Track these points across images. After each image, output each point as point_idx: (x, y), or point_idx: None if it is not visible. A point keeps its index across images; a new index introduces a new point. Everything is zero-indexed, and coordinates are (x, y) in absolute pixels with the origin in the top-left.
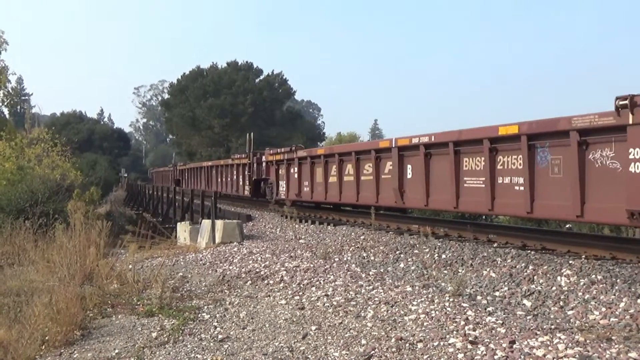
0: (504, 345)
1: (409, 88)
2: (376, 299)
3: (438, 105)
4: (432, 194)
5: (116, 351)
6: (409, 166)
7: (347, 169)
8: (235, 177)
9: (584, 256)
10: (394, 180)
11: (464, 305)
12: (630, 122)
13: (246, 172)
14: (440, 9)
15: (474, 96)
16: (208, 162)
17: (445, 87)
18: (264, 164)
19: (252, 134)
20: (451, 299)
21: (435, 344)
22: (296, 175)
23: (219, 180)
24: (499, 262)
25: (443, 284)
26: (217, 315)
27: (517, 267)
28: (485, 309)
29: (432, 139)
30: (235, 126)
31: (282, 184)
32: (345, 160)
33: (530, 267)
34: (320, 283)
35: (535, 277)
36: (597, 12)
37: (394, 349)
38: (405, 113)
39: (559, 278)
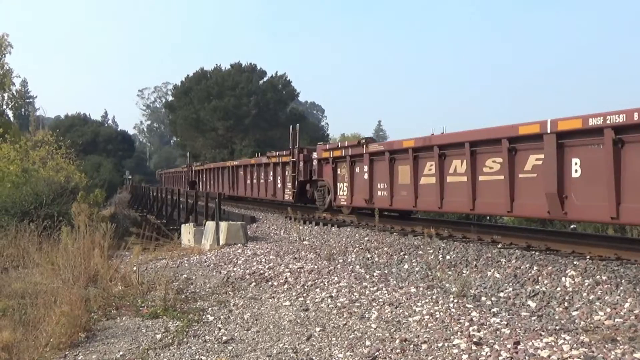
0: (508, 346)
1: (413, 89)
2: (380, 300)
3: (442, 106)
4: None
5: (120, 353)
6: (577, 160)
7: (452, 167)
8: (271, 178)
9: (588, 257)
10: (546, 181)
11: (469, 306)
12: None
13: (288, 173)
14: (443, 9)
15: (476, 96)
16: (233, 161)
17: (449, 87)
18: (314, 163)
19: (297, 126)
20: (455, 300)
21: (440, 345)
22: (366, 176)
23: (248, 182)
24: (503, 262)
25: (447, 285)
26: (222, 317)
27: (522, 267)
28: (490, 309)
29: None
30: (239, 128)
31: (343, 186)
32: (449, 155)
33: (535, 268)
34: (324, 284)
35: (539, 278)
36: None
37: (398, 350)
38: (409, 114)
39: (563, 279)
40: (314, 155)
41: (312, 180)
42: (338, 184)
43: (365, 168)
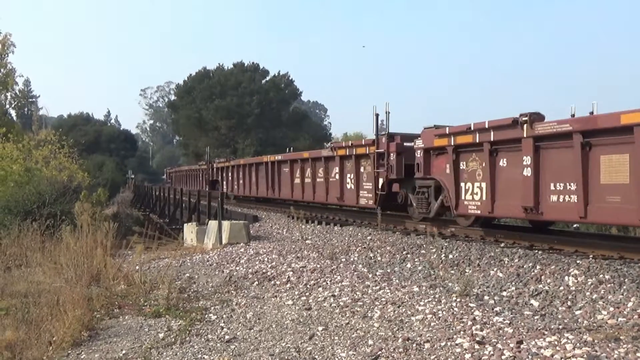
0: (511, 345)
1: (414, 88)
2: (383, 299)
3: (444, 106)
4: None
5: (123, 352)
6: None
7: None
8: (336, 177)
9: (591, 256)
10: None
11: (471, 305)
12: None
13: (366, 169)
14: (447, 6)
15: (478, 96)
16: (273, 155)
17: (451, 86)
18: (418, 154)
19: (388, 104)
20: (458, 299)
21: (443, 344)
22: (527, 172)
23: (298, 181)
24: (506, 262)
25: (450, 284)
26: (224, 316)
27: (525, 267)
28: (493, 309)
29: None
30: (241, 127)
31: (473, 187)
32: None
33: (538, 267)
34: (327, 283)
35: (542, 277)
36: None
37: (401, 349)
38: (410, 113)
39: (566, 278)
40: (417, 143)
41: (405, 180)
42: (462, 184)
43: (527, 160)
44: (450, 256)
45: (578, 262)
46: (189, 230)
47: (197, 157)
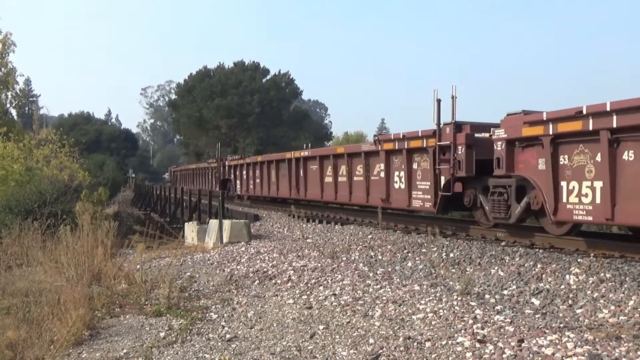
0: (512, 344)
1: (415, 86)
2: (384, 298)
3: (444, 104)
4: None
5: (124, 351)
6: None
7: None
8: (381, 174)
9: (592, 254)
10: None
11: (472, 304)
12: None
13: (420, 165)
14: (448, 6)
15: (478, 95)
16: (300, 151)
17: (451, 87)
18: (498, 146)
19: (455, 87)
20: (459, 298)
21: (444, 342)
22: None
23: (329, 180)
24: (507, 260)
25: (451, 283)
26: (225, 315)
27: (526, 265)
28: (494, 307)
29: None
30: (242, 126)
31: (581, 187)
32: None
33: (539, 266)
34: (327, 282)
35: (543, 276)
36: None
37: (402, 348)
38: (411, 113)
39: (567, 276)
40: (497, 133)
41: (475, 178)
42: (563, 183)
43: None
44: (451, 255)
45: (579, 260)
46: (190, 229)
47: (197, 156)
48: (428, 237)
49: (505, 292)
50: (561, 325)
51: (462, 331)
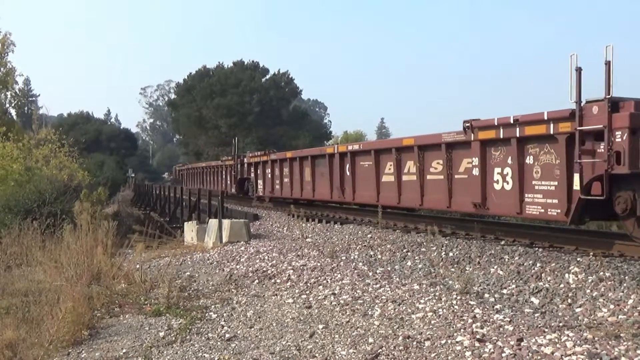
0: (511, 343)
1: (415, 86)
2: (383, 297)
3: (445, 104)
4: None
5: (124, 351)
6: None
7: None
8: (476, 171)
9: (592, 253)
10: None
11: (472, 303)
12: None
13: (545, 159)
14: (448, 5)
15: (479, 96)
16: (349, 144)
17: (452, 85)
18: None
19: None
20: (458, 297)
21: (443, 342)
22: None
23: (391, 179)
24: (506, 259)
25: (450, 282)
26: (225, 315)
27: (525, 264)
28: (493, 306)
29: None
30: (241, 125)
31: None
32: None
33: (538, 265)
34: (327, 282)
35: (543, 275)
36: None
37: (401, 347)
38: (412, 112)
39: (566, 275)
40: None
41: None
42: None
43: None
44: (451, 254)
45: (578, 259)
46: (190, 229)
47: (197, 155)
48: (427, 236)
49: (504, 291)
50: (560, 324)
51: (462, 330)
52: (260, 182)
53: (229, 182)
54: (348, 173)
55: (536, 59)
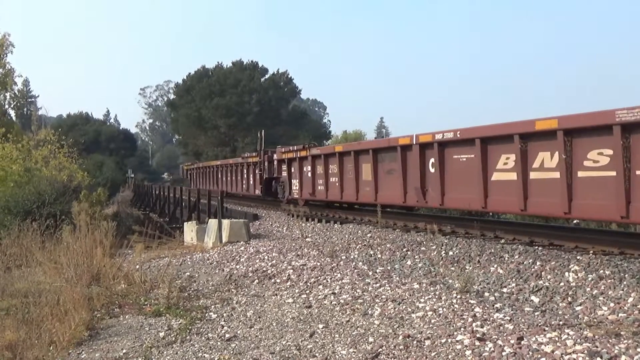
0: (512, 341)
1: (415, 85)
2: (383, 296)
3: (444, 103)
4: None
5: (124, 351)
6: None
7: None
8: None
9: (591, 252)
10: None
11: (472, 301)
12: None
13: None
14: (447, 4)
15: (479, 95)
16: (436, 132)
17: (453, 83)
18: None
19: None
20: (458, 296)
21: (443, 341)
22: None
23: (503, 177)
24: (506, 258)
25: (450, 281)
26: (225, 315)
27: (525, 263)
28: (493, 305)
29: None
30: (241, 126)
31: None
32: None
33: (538, 263)
34: (327, 281)
35: (542, 273)
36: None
37: (401, 347)
38: (411, 111)
39: (566, 274)
40: None
41: None
42: None
43: None
44: (451, 253)
45: (578, 257)
46: (189, 229)
47: (196, 155)
48: (427, 236)
49: (504, 289)
50: (560, 322)
51: (462, 329)
52: (295, 182)
53: (251, 182)
54: (432, 170)
55: (536, 59)
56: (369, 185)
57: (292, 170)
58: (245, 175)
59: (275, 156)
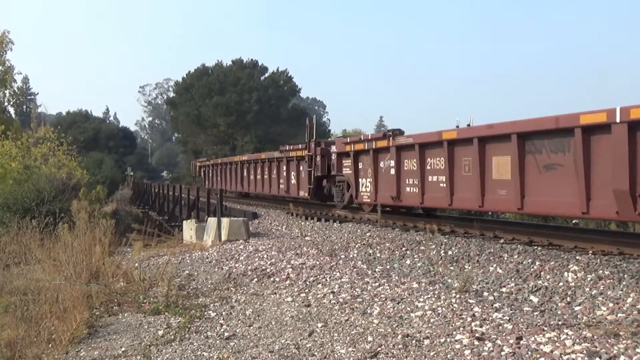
0: (510, 341)
1: (415, 84)
2: (382, 295)
3: (444, 103)
4: None
5: (123, 349)
6: None
7: None
8: None
9: (591, 251)
10: None
11: (471, 301)
12: None
13: None
14: (447, 3)
15: (479, 94)
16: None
17: (453, 83)
18: None
19: None
20: (458, 295)
21: (442, 340)
22: None
23: None
24: (505, 258)
25: (449, 281)
26: (224, 313)
27: (524, 262)
28: (492, 305)
29: None
30: (240, 124)
31: None
32: None
33: (537, 263)
34: (326, 280)
35: (542, 273)
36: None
37: (400, 346)
38: (411, 110)
39: (565, 274)
40: None
41: None
42: None
43: None
44: (450, 252)
45: (577, 257)
46: (188, 227)
47: (195, 154)
48: (426, 235)
49: (503, 289)
50: (559, 322)
51: (461, 329)
52: (365, 181)
53: (292, 181)
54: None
55: (537, 59)
56: (506, 187)
57: (361, 166)
58: (284, 173)
59: (333, 148)
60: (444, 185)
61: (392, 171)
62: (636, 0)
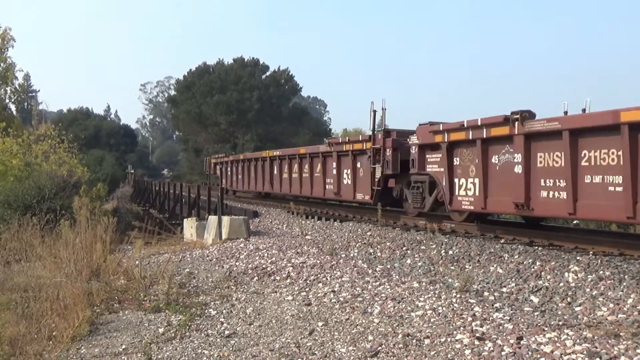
0: (511, 341)
1: (415, 84)
2: (383, 295)
3: (444, 103)
4: None
5: (123, 347)
6: None
7: None
8: None
9: (591, 252)
10: None
11: (471, 301)
12: None
13: None
14: (448, 3)
15: (479, 94)
16: None
17: (453, 82)
18: None
19: None
20: (458, 295)
21: (442, 340)
22: None
23: None
24: (506, 258)
25: (450, 280)
26: (224, 311)
27: (525, 263)
28: (493, 305)
29: None
30: (241, 122)
31: None
32: None
33: (538, 263)
34: (326, 279)
35: (542, 273)
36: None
37: (400, 345)
38: (411, 110)
39: (566, 274)
40: None
41: None
42: None
43: None
44: (450, 252)
45: (578, 258)
46: (189, 226)
47: (196, 152)
48: (427, 234)
49: (504, 289)
50: (560, 322)
51: (461, 328)
52: (467, 182)
53: (346, 181)
54: None
55: (536, 59)
56: None
57: (458, 162)
58: (333, 171)
59: (413, 139)
60: (619, 189)
61: (518, 168)
62: (636, 0)
